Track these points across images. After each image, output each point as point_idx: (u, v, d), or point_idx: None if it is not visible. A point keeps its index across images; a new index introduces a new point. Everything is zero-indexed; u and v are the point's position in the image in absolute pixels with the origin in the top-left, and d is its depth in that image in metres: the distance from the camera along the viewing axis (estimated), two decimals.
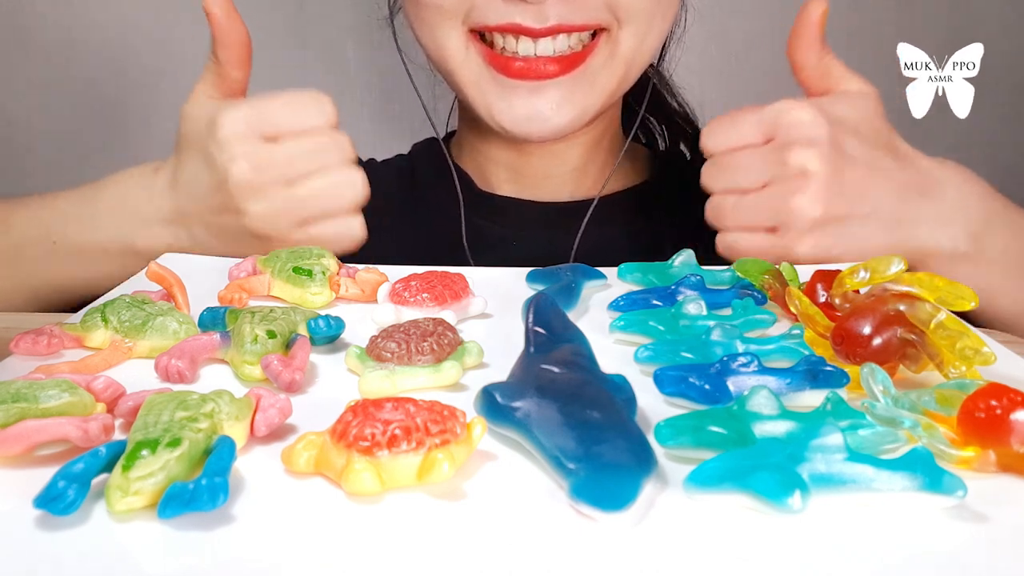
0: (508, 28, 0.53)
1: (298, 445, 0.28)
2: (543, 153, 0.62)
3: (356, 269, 0.46)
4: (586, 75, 0.55)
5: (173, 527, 0.25)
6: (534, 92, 0.54)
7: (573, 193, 0.64)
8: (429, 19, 0.55)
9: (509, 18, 0.52)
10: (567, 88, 0.54)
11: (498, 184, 0.65)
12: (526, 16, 0.52)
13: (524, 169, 0.63)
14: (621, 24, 0.54)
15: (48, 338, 0.37)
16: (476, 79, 0.55)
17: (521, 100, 0.54)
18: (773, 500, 0.25)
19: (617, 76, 0.56)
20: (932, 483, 0.25)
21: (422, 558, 0.24)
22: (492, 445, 0.30)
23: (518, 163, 0.63)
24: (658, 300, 0.42)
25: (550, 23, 0.52)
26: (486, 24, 0.53)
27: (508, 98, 0.54)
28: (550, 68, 0.53)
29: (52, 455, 0.29)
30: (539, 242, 0.61)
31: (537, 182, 0.63)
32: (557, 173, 0.63)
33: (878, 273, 0.36)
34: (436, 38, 0.55)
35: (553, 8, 0.52)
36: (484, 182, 0.65)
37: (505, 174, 0.64)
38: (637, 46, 0.55)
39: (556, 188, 0.64)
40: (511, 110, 0.54)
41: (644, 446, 0.28)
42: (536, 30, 0.52)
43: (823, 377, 0.32)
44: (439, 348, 0.35)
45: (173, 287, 0.41)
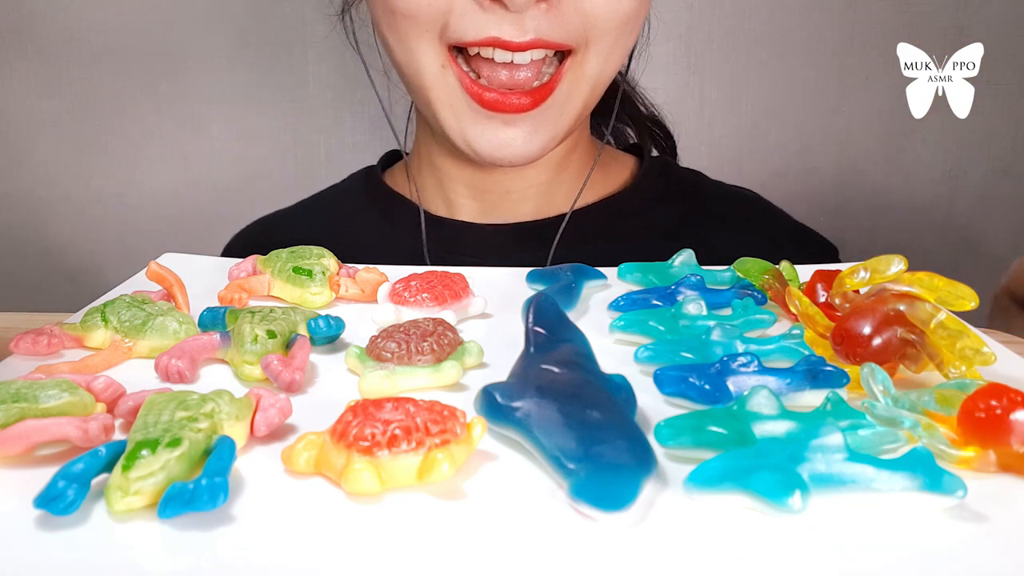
0: (487, 43, 0.51)
1: (298, 445, 0.28)
2: (505, 171, 0.60)
3: (356, 269, 0.46)
4: (554, 105, 0.54)
5: (173, 527, 0.25)
6: (507, 123, 0.53)
7: (539, 211, 0.62)
8: (403, 30, 0.53)
9: (488, 31, 0.50)
10: (539, 119, 0.54)
11: (456, 201, 0.63)
12: (504, 28, 0.50)
13: (484, 185, 0.61)
14: (589, 45, 0.53)
15: (48, 338, 0.37)
16: (451, 101, 0.54)
17: (494, 131, 0.53)
18: (773, 500, 0.25)
19: (583, 98, 0.55)
20: (932, 483, 0.25)
21: (422, 558, 0.24)
22: (492, 445, 0.30)
23: (477, 179, 0.61)
24: (658, 300, 0.42)
25: (529, 36, 0.50)
26: (464, 39, 0.51)
27: (482, 124, 0.53)
28: (523, 102, 0.52)
29: (52, 455, 0.29)
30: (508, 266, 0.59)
31: (498, 199, 0.62)
32: (518, 188, 0.61)
33: (878, 273, 0.36)
34: (410, 50, 0.53)
35: (532, 21, 0.50)
36: (443, 198, 0.63)
37: (465, 191, 0.62)
38: (602, 67, 0.54)
39: (518, 205, 0.62)
40: (483, 137, 0.54)
41: (644, 446, 0.28)
42: (515, 44, 0.51)
43: (823, 377, 0.32)
44: (439, 348, 0.35)
45: (173, 287, 0.41)
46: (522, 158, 0.54)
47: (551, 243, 0.59)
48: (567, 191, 0.62)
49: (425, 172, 0.64)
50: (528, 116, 0.53)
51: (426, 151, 0.64)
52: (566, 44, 0.52)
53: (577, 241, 0.60)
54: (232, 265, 0.46)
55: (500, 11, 0.50)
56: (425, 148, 0.64)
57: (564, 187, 0.63)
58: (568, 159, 0.62)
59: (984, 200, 0.88)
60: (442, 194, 0.63)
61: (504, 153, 0.54)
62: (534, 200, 0.62)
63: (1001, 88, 0.84)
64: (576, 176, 0.63)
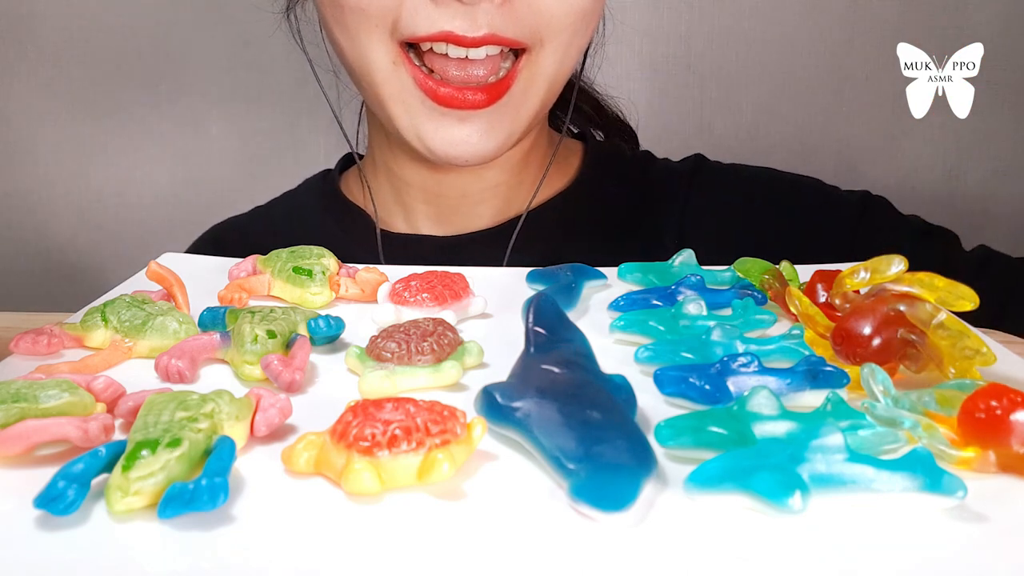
0: (440, 37, 0.50)
1: (298, 445, 0.28)
2: (460, 172, 0.59)
3: (356, 269, 0.46)
4: (510, 102, 0.53)
5: (173, 527, 0.25)
6: (462, 120, 0.52)
7: (497, 213, 0.61)
8: (353, 25, 0.51)
9: (440, 26, 0.49)
10: (495, 116, 0.53)
11: (412, 205, 0.62)
12: (456, 22, 0.49)
13: (440, 188, 0.60)
14: (543, 43, 0.52)
15: (48, 338, 0.37)
16: (403, 98, 0.53)
17: (448, 128, 0.52)
18: (773, 500, 0.25)
19: (540, 97, 0.54)
20: (932, 483, 0.25)
21: (422, 558, 0.24)
22: (492, 445, 0.30)
23: (432, 182, 0.60)
24: (658, 300, 0.42)
25: (482, 32, 0.49)
26: (415, 34, 0.50)
27: (436, 121, 0.52)
28: (477, 98, 0.51)
29: (52, 455, 0.29)
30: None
31: (455, 203, 0.61)
32: (475, 191, 0.60)
33: (878, 273, 0.36)
34: (360, 46, 0.52)
35: (485, 15, 0.49)
36: (398, 203, 0.62)
37: (420, 195, 0.61)
38: (558, 65, 0.54)
39: (475, 208, 0.61)
40: (438, 134, 0.52)
41: (644, 446, 0.28)
42: (468, 39, 0.50)
43: (823, 377, 0.32)
44: (439, 348, 0.35)
45: (173, 287, 0.41)
46: (478, 156, 0.53)
47: (506, 248, 0.59)
48: (526, 192, 0.62)
49: (380, 176, 0.63)
50: (483, 113, 0.52)
51: (380, 154, 0.62)
52: (519, 41, 0.51)
53: (534, 241, 0.59)
54: (232, 265, 0.47)
55: (453, 4, 0.49)
56: (379, 151, 0.62)
57: (523, 188, 0.62)
58: (527, 160, 0.61)
59: (984, 200, 0.88)
60: (397, 198, 0.62)
61: (459, 151, 0.53)
62: (491, 203, 0.61)
63: (1001, 88, 0.84)
64: (535, 177, 0.62)
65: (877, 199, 0.62)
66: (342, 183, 0.66)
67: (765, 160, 0.68)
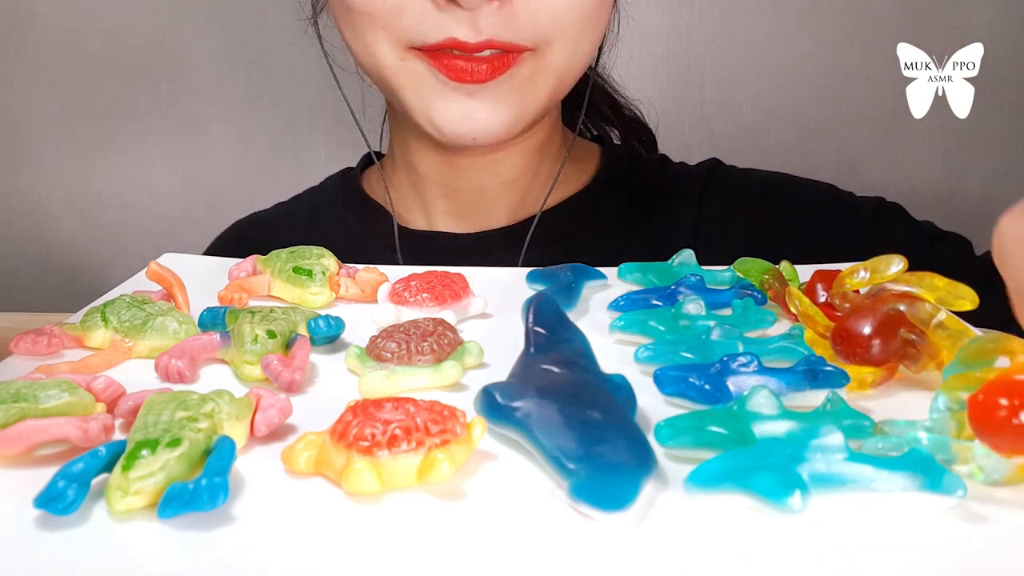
0: (446, 44, 0.51)
1: (298, 445, 0.28)
2: (478, 165, 0.60)
3: (356, 269, 0.46)
4: (517, 81, 0.54)
5: (173, 527, 0.25)
6: (470, 95, 0.53)
7: (514, 212, 0.62)
8: (360, 27, 0.54)
9: (446, 31, 0.51)
10: (501, 92, 0.54)
11: (431, 202, 0.63)
12: (460, 28, 0.51)
13: (458, 183, 0.61)
14: (550, 43, 0.53)
15: (48, 338, 0.37)
16: (415, 83, 0.54)
17: (457, 103, 0.53)
18: (773, 500, 0.25)
19: (549, 87, 0.55)
20: (932, 483, 0.25)
21: (422, 558, 0.24)
22: (492, 445, 0.30)
23: (450, 176, 0.61)
24: (658, 300, 0.42)
25: (483, 37, 0.51)
26: (424, 41, 0.52)
27: (446, 98, 0.53)
28: (482, 68, 0.52)
29: (52, 455, 0.29)
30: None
31: (472, 198, 0.62)
32: (491, 186, 0.61)
33: (878, 273, 0.36)
34: (368, 45, 0.54)
35: (486, 20, 0.51)
36: (417, 200, 0.63)
37: (438, 190, 0.62)
38: (568, 60, 0.54)
39: (492, 204, 0.62)
40: (447, 110, 0.53)
41: (644, 446, 0.28)
42: (471, 45, 0.51)
43: (823, 377, 0.32)
44: (439, 348, 0.35)
45: (173, 287, 0.41)
46: (484, 133, 0.54)
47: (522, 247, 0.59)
48: (542, 190, 0.62)
49: (400, 172, 0.64)
50: (489, 88, 0.53)
51: (399, 150, 0.64)
52: (519, 45, 0.52)
53: (549, 241, 0.60)
54: (232, 265, 0.47)
55: (456, 10, 0.50)
56: (399, 148, 0.64)
57: (540, 186, 0.63)
58: (541, 156, 0.62)
59: (984, 200, 0.88)
60: (415, 194, 0.64)
61: (467, 128, 0.53)
62: (507, 199, 0.62)
63: (1001, 88, 0.84)
64: (550, 175, 0.63)
65: (891, 205, 0.63)
66: (363, 180, 0.68)
67: (765, 160, 0.68)
